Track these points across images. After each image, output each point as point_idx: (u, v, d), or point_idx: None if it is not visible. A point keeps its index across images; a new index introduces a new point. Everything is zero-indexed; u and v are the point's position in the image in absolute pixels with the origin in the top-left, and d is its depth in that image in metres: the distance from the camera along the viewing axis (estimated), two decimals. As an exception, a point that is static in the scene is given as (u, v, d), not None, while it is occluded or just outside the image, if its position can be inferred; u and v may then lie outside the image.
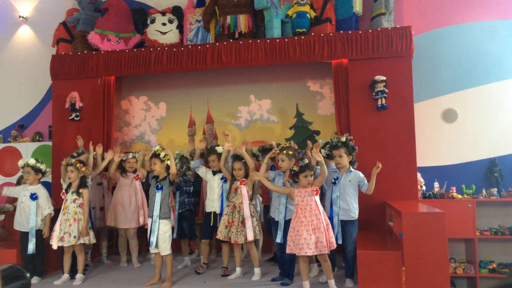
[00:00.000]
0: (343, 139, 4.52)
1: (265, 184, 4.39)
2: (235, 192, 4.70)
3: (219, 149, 4.95)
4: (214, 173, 4.96)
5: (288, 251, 4.09)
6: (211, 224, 4.92)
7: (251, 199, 4.75)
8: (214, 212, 4.91)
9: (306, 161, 4.07)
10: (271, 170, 4.73)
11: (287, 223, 4.39)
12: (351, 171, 4.52)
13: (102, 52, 6.12)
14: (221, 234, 4.67)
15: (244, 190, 4.63)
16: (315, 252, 3.95)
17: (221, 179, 4.91)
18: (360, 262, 3.94)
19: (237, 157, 4.75)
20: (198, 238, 5.48)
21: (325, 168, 4.13)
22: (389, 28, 5.39)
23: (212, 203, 4.95)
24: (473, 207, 5.19)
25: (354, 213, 4.42)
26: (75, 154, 5.25)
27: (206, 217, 5.02)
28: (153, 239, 4.39)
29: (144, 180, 5.39)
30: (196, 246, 5.75)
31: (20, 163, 4.90)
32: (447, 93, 5.80)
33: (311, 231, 3.95)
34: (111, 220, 5.39)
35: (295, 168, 4.08)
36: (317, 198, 4.06)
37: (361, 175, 4.52)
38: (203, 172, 5.01)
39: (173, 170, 4.49)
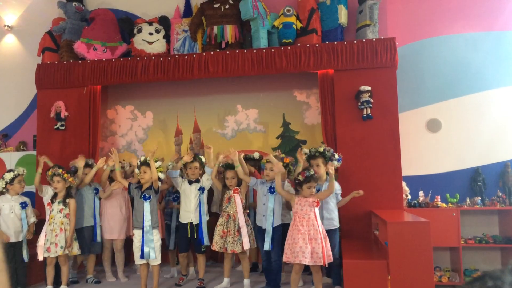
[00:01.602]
0: (321, 149, 4.56)
1: (277, 182, 4.26)
2: (228, 202, 4.69)
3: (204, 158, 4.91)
4: (190, 182, 4.85)
5: (285, 259, 4.12)
6: (188, 236, 4.80)
7: (245, 207, 4.75)
8: (191, 223, 4.80)
9: (312, 172, 4.10)
10: (253, 177, 4.73)
11: (275, 230, 4.41)
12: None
13: (88, 61, 6.09)
14: (216, 245, 4.63)
15: (238, 199, 4.62)
16: (310, 262, 3.98)
17: (199, 189, 4.81)
18: (346, 271, 3.96)
19: (230, 166, 4.74)
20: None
21: (334, 183, 4.18)
22: (374, 39, 5.46)
23: (188, 214, 4.81)
24: (457, 215, 5.24)
25: (337, 221, 4.46)
26: (73, 168, 5.18)
27: (182, 229, 4.89)
28: (147, 250, 4.35)
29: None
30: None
31: (18, 172, 4.87)
32: (431, 103, 5.88)
33: (307, 241, 3.98)
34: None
35: (300, 178, 4.11)
36: (317, 210, 4.09)
37: (337, 186, 4.58)
38: (178, 182, 4.91)
39: (154, 176, 4.45)
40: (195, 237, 4.76)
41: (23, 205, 4.84)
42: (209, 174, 4.78)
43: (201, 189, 4.81)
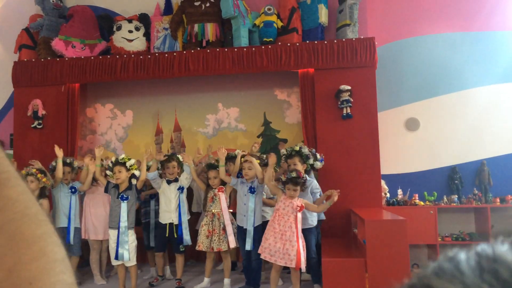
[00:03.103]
0: (297, 148, 4.58)
1: (267, 174, 4.26)
2: (212, 201, 4.68)
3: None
4: (169, 182, 4.80)
5: (259, 250, 4.14)
6: (167, 236, 4.76)
7: (229, 206, 4.74)
8: (171, 223, 4.77)
9: (294, 174, 4.08)
10: (233, 177, 4.72)
11: (256, 229, 4.41)
12: (307, 179, 4.56)
13: (66, 59, 6.00)
14: (203, 245, 4.60)
15: (223, 197, 4.62)
16: (280, 262, 3.99)
17: (178, 189, 4.77)
18: (325, 269, 3.99)
19: (212, 166, 4.73)
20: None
21: (326, 207, 4.22)
22: (354, 39, 5.50)
23: (168, 214, 4.77)
24: (435, 213, 5.33)
25: (312, 221, 4.46)
26: (50, 167, 5.01)
27: (161, 229, 4.84)
28: (121, 251, 4.31)
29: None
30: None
31: None
32: (410, 103, 5.96)
33: (278, 240, 3.99)
34: (84, 232, 5.01)
35: (282, 178, 4.15)
36: (300, 215, 4.08)
37: (315, 184, 4.57)
38: (158, 182, 4.84)
39: (143, 177, 4.42)
40: (175, 237, 4.73)
41: None
42: (189, 173, 4.77)
43: (180, 189, 4.78)
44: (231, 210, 4.87)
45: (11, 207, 0.43)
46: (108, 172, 4.52)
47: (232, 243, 4.54)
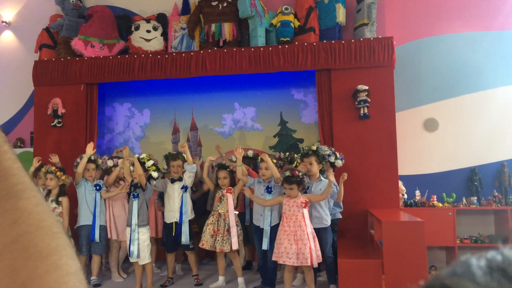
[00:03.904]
0: (314, 147, 4.58)
1: (256, 201, 4.42)
2: (219, 201, 4.69)
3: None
4: (173, 181, 4.79)
5: (273, 257, 4.14)
6: (174, 235, 4.75)
7: (236, 207, 4.75)
8: (176, 222, 4.76)
9: (287, 173, 4.11)
10: (250, 177, 4.73)
11: (273, 229, 4.42)
12: (321, 179, 4.55)
13: (86, 58, 6.08)
14: (207, 243, 4.63)
15: (230, 199, 4.62)
16: (296, 263, 3.99)
17: (182, 188, 4.76)
18: (341, 270, 3.97)
19: (222, 166, 4.75)
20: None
21: (329, 190, 4.22)
22: (372, 39, 5.46)
23: (172, 213, 4.77)
24: (454, 215, 5.25)
25: (326, 220, 4.45)
26: (75, 163, 5.04)
27: (168, 229, 4.83)
28: (133, 249, 4.35)
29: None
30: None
31: None
32: (429, 103, 5.88)
33: (293, 241, 4.00)
34: (110, 231, 5.00)
35: (280, 177, 4.22)
36: (305, 210, 4.09)
37: (325, 184, 4.55)
38: (160, 182, 4.82)
39: (138, 171, 4.41)
40: (173, 235, 4.75)
41: None
42: (190, 171, 4.76)
43: (184, 188, 4.76)
44: (237, 212, 4.88)
45: (26, 220, 0.42)
46: (131, 168, 4.54)
47: (235, 245, 4.54)
